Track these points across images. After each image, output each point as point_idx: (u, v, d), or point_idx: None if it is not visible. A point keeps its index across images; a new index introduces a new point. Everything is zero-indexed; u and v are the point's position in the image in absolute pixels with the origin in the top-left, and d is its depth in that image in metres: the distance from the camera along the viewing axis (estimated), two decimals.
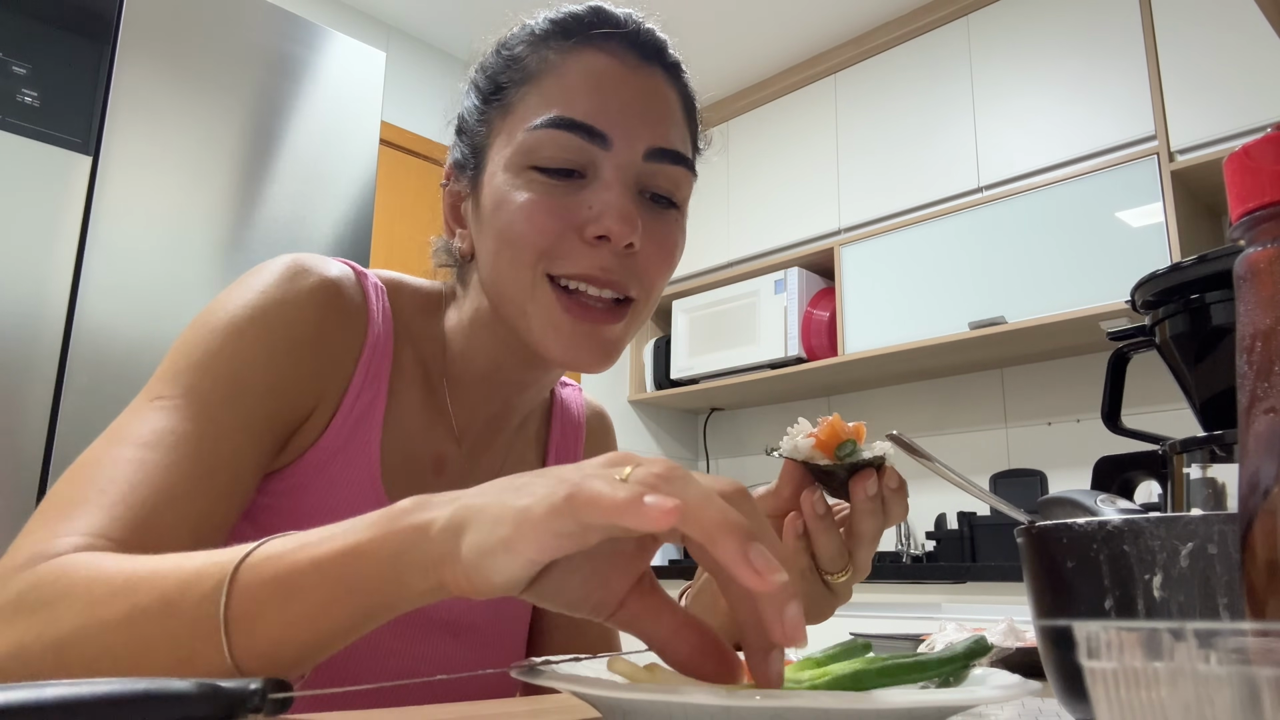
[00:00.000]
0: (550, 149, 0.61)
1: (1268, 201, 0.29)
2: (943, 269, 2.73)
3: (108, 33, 1.71)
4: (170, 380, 0.57)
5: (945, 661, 0.46)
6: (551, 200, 0.61)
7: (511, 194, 0.62)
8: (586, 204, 0.61)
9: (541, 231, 0.61)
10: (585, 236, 0.61)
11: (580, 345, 0.62)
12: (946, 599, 2.30)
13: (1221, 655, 0.19)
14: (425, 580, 0.39)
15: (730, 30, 3.12)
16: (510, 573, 0.37)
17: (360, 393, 0.64)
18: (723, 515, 0.35)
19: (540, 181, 0.61)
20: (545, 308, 0.62)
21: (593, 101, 0.61)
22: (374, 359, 0.65)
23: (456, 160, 0.69)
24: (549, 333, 0.62)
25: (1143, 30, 2.45)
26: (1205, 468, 0.70)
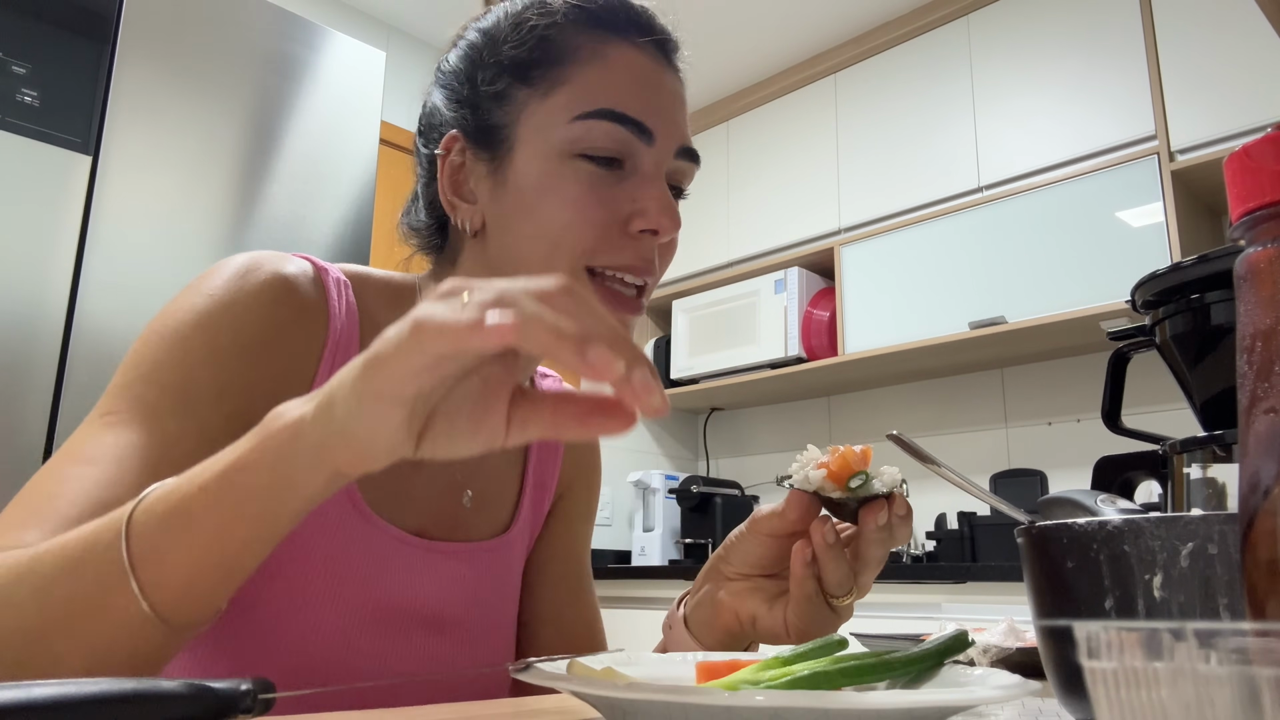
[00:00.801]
0: (598, 138, 0.62)
1: (1268, 201, 0.29)
2: (943, 269, 2.73)
3: (108, 33, 1.71)
4: (119, 394, 0.57)
5: (912, 660, 0.46)
6: (599, 191, 0.62)
7: (558, 181, 0.62)
8: (629, 197, 0.63)
9: (590, 222, 0.62)
10: (630, 230, 0.62)
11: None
12: (947, 599, 2.29)
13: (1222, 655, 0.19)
14: (317, 473, 0.41)
15: (730, 30, 3.12)
16: (388, 426, 0.38)
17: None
18: (555, 324, 0.35)
19: (588, 171, 0.62)
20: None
21: (639, 99, 0.63)
22: (337, 354, 0.64)
23: (463, 129, 0.66)
24: None
25: (1143, 30, 2.45)
26: (1205, 468, 0.70)
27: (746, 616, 0.64)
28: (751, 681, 0.43)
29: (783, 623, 0.62)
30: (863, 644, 0.77)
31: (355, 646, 0.63)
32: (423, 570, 0.68)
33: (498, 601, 0.74)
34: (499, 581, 0.75)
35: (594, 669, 0.44)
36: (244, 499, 0.42)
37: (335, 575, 0.63)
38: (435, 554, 0.69)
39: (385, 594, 0.65)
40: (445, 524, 0.71)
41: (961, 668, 0.49)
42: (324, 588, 0.62)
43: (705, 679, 0.47)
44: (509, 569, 0.76)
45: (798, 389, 3.29)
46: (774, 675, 0.43)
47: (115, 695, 0.30)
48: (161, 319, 0.60)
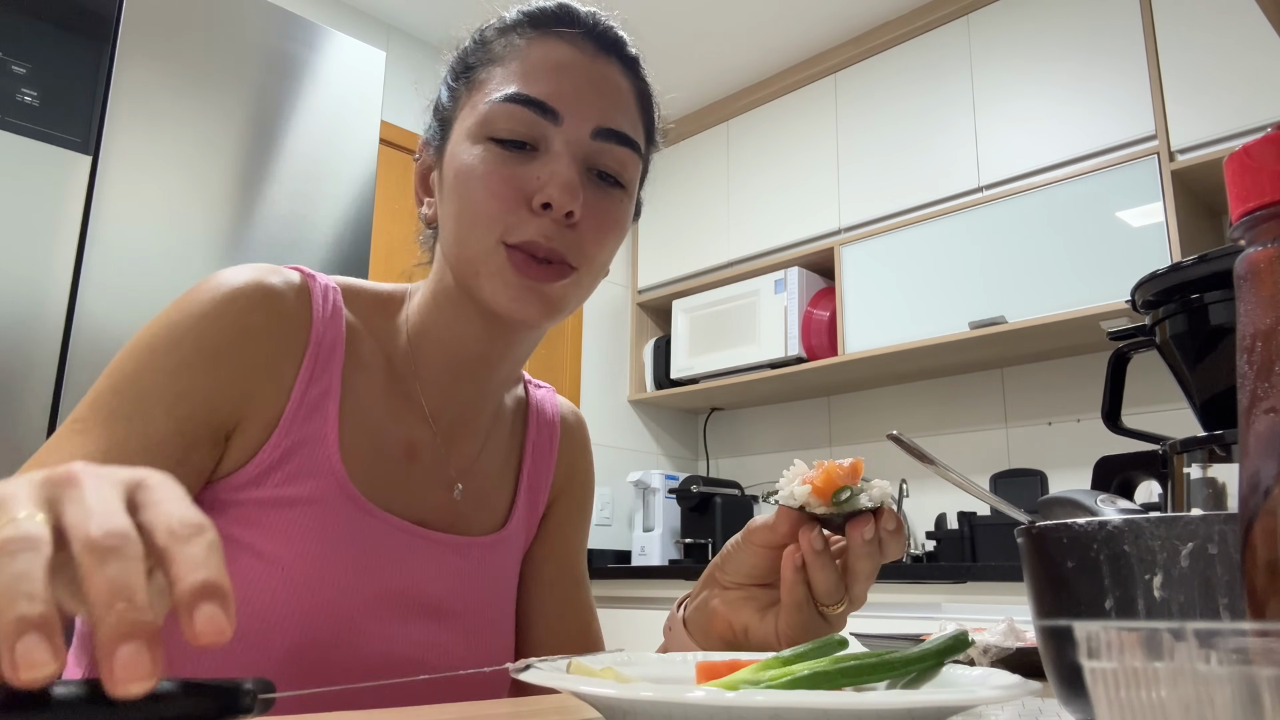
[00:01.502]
0: (506, 121, 0.66)
1: (1268, 201, 0.29)
2: (943, 269, 2.73)
3: (108, 33, 1.71)
4: (89, 403, 0.61)
5: (912, 660, 0.46)
6: (505, 170, 0.66)
7: (471, 163, 0.67)
8: (535, 175, 0.66)
9: (497, 199, 0.65)
10: (533, 205, 0.66)
11: (526, 298, 0.66)
12: (947, 599, 2.29)
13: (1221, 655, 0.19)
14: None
15: (730, 30, 3.12)
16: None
17: (308, 388, 0.67)
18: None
19: (496, 152, 0.66)
20: (496, 267, 0.66)
21: (548, 82, 0.67)
22: (320, 355, 0.68)
23: (428, 136, 0.75)
24: (498, 287, 0.66)
25: (1143, 30, 2.45)
26: (1205, 468, 0.70)
27: (740, 626, 0.64)
28: (751, 681, 0.43)
29: (774, 631, 0.62)
30: (863, 644, 0.78)
31: (360, 629, 0.64)
32: (423, 558, 0.70)
33: (494, 597, 0.76)
34: (495, 577, 0.76)
35: (594, 669, 0.44)
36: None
37: (334, 561, 0.64)
38: (434, 544, 0.71)
39: (386, 579, 0.67)
40: (442, 517, 0.73)
41: (961, 668, 0.49)
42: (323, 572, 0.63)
43: (705, 679, 0.47)
44: (505, 566, 0.78)
45: (798, 389, 3.29)
46: (774, 675, 0.43)
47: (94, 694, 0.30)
48: (140, 333, 0.64)
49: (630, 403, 3.63)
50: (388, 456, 0.71)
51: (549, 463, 0.85)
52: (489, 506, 0.78)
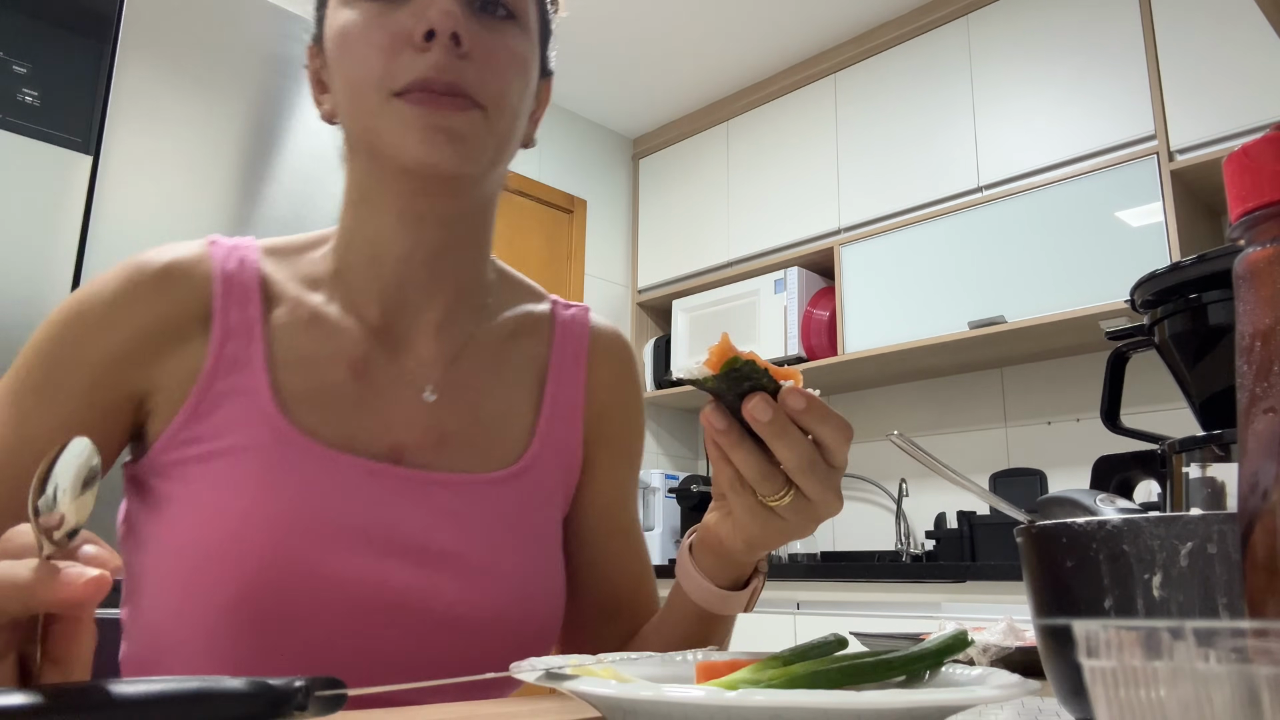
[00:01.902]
0: (356, 22, 0.64)
1: (1267, 201, 0.29)
2: (942, 269, 2.73)
3: (108, 33, 1.71)
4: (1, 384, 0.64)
5: (912, 660, 0.46)
6: (379, 19, 0.63)
7: (344, 26, 0.65)
8: (411, 15, 0.63)
9: (376, 48, 0.63)
10: (415, 41, 0.62)
11: (434, 138, 0.62)
12: (946, 598, 2.30)
13: (1220, 654, 0.19)
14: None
15: (731, 30, 3.12)
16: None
17: (224, 345, 0.65)
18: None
19: (366, 6, 0.64)
20: (394, 114, 0.62)
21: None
22: (229, 310, 0.66)
23: (314, 35, 0.71)
24: (402, 133, 0.62)
25: (1142, 30, 2.45)
26: (1205, 467, 0.70)
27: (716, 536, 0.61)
28: (751, 681, 0.43)
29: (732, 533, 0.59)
30: (863, 644, 0.78)
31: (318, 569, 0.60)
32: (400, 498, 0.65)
33: (516, 539, 0.69)
34: (516, 517, 0.70)
35: (594, 669, 0.44)
36: None
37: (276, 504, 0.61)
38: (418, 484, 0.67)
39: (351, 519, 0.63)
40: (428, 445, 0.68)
41: (961, 667, 0.49)
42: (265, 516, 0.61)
43: (705, 679, 0.47)
44: (530, 503, 0.72)
45: None
46: (774, 675, 0.43)
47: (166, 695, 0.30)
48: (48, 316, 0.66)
49: None
50: (333, 384, 0.67)
51: (576, 393, 0.77)
52: (496, 437, 0.72)
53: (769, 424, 0.51)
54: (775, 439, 0.52)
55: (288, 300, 0.69)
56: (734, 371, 0.51)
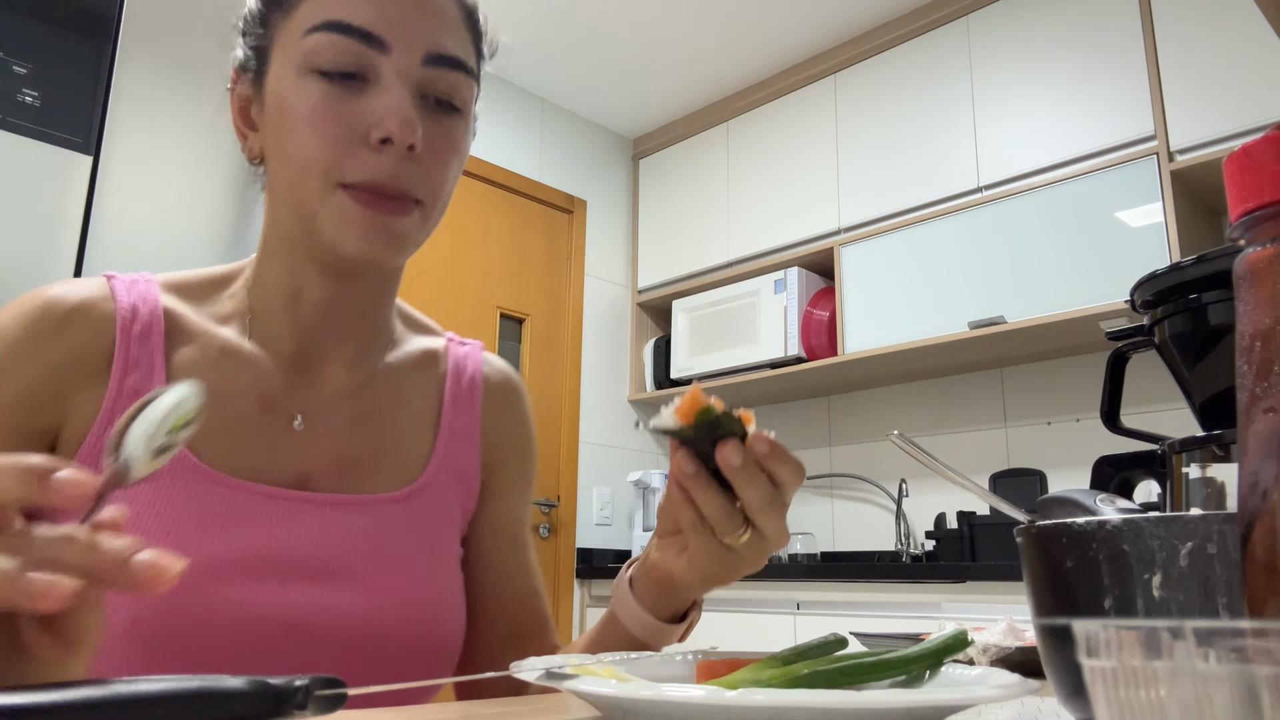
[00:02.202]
0: (329, 53, 0.63)
1: (1267, 201, 0.29)
2: (943, 269, 2.73)
3: (108, 33, 1.71)
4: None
5: (912, 660, 0.46)
6: (336, 106, 0.63)
7: (296, 100, 0.63)
8: (368, 109, 0.63)
9: (330, 140, 0.62)
10: (370, 141, 0.62)
11: (372, 238, 0.63)
12: (946, 598, 2.30)
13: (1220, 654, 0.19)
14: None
15: (730, 30, 3.12)
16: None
17: (125, 376, 0.66)
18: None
19: (322, 87, 0.63)
20: (336, 206, 0.63)
21: (370, 7, 0.63)
22: (130, 342, 0.66)
23: (240, 62, 0.70)
24: (343, 226, 0.63)
25: (1142, 30, 2.45)
26: (1204, 467, 0.70)
27: (666, 569, 0.62)
28: (751, 681, 0.43)
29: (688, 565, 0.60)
30: (863, 644, 0.78)
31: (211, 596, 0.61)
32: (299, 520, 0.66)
33: (408, 553, 0.71)
34: (415, 533, 0.72)
35: (594, 669, 0.44)
36: None
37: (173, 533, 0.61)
38: (315, 504, 0.68)
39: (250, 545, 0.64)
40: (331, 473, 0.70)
41: (961, 667, 0.49)
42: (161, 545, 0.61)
43: (705, 679, 0.47)
44: (428, 521, 0.73)
45: (798, 389, 3.29)
46: (774, 675, 0.43)
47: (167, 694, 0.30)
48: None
49: (630, 403, 3.63)
50: (238, 416, 0.68)
51: (472, 420, 0.80)
52: (396, 460, 0.74)
53: (740, 468, 0.54)
54: (744, 482, 0.55)
55: (194, 335, 0.70)
56: (706, 422, 0.54)
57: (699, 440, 0.55)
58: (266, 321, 0.71)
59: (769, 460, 0.55)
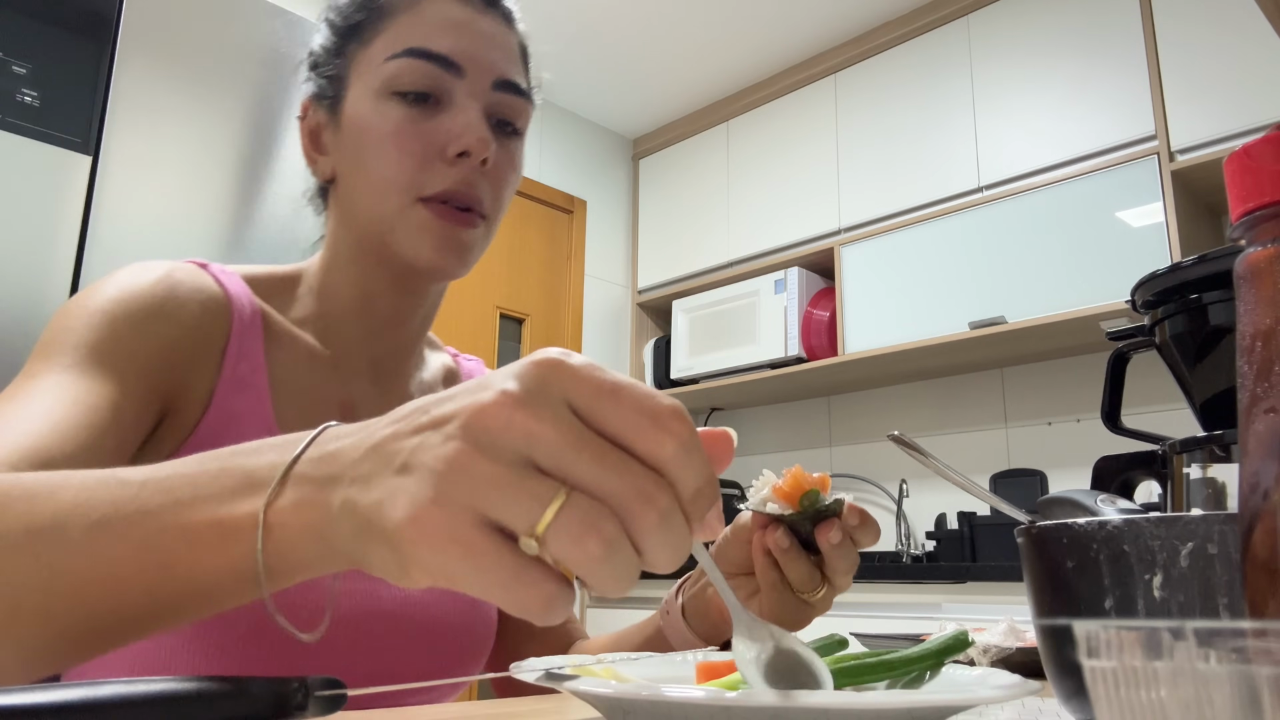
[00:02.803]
0: (409, 76, 0.68)
1: (1268, 201, 0.29)
2: (943, 269, 2.73)
3: (108, 33, 1.71)
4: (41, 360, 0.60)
5: (912, 660, 0.46)
6: (415, 126, 0.68)
7: (377, 121, 0.69)
8: (444, 128, 0.68)
9: (410, 155, 0.67)
10: (447, 156, 0.68)
11: (446, 248, 0.68)
12: (947, 599, 2.30)
13: (1221, 655, 0.19)
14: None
15: (730, 30, 3.12)
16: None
17: (236, 365, 0.68)
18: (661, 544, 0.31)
19: (402, 108, 0.68)
20: (416, 220, 0.68)
21: (447, 37, 0.69)
22: (244, 334, 0.69)
23: (314, 93, 0.75)
24: (420, 239, 0.68)
25: (1143, 30, 2.45)
26: (1205, 468, 0.70)
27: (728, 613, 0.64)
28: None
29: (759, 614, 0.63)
30: (863, 644, 0.78)
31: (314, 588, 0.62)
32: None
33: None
34: None
35: (594, 669, 0.44)
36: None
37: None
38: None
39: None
40: None
41: (961, 667, 0.49)
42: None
43: (705, 679, 0.47)
44: None
45: (798, 389, 3.29)
46: None
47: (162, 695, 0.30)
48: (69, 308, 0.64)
49: None
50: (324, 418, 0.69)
51: None
52: None
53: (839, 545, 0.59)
54: (840, 557, 0.60)
55: (281, 335, 0.72)
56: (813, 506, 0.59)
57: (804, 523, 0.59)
58: (340, 329, 0.74)
59: (857, 531, 0.60)
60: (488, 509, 0.30)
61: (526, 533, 0.30)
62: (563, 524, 0.29)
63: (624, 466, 0.30)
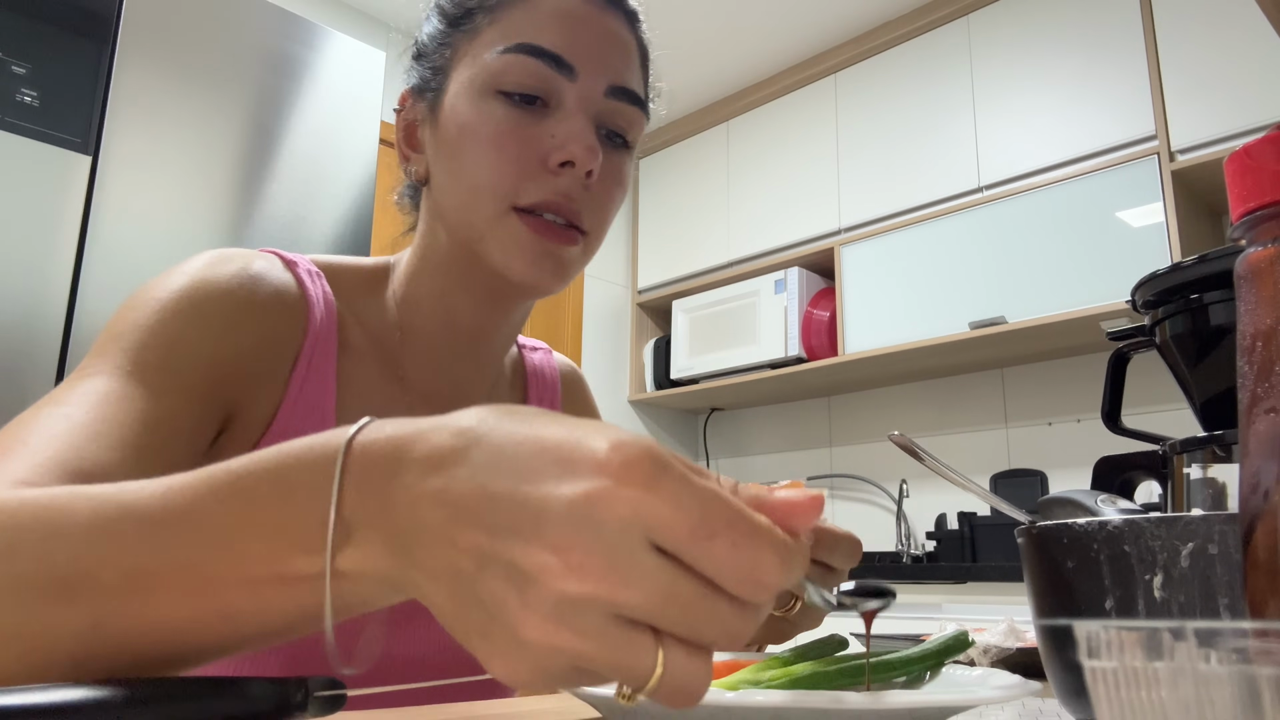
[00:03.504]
0: (517, 74, 0.62)
1: (1268, 201, 0.29)
2: (943, 269, 2.73)
3: (108, 33, 1.71)
4: (97, 357, 0.56)
5: (912, 660, 0.46)
6: (518, 129, 0.62)
7: (477, 121, 0.63)
8: (549, 133, 0.62)
9: (510, 160, 0.62)
10: (549, 164, 0.62)
11: (541, 264, 0.63)
12: (947, 599, 2.30)
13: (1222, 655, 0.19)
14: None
15: (730, 30, 3.12)
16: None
17: (304, 385, 0.63)
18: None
19: (505, 108, 0.62)
20: (510, 230, 0.62)
21: (561, 34, 0.63)
22: (317, 347, 0.64)
23: (415, 85, 0.70)
24: (513, 251, 0.62)
25: (1143, 30, 2.45)
26: (1206, 468, 0.70)
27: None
28: (751, 681, 0.43)
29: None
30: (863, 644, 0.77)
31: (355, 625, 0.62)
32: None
33: None
34: None
35: None
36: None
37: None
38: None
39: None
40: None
41: (962, 668, 0.49)
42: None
43: None
44: None
45: (798, 389, 3.29)
46: (774, 675, 0.43)
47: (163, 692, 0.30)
48: (137, 298, 0.60)
49: (630, 403, 3.63)
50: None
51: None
52: None
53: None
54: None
55: (356, 350, 0.68)
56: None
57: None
58: (419, 345, 0.70)
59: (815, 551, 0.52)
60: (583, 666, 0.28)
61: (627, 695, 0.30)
62: (665, 690, 0.29)
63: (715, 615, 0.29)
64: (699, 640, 0.29)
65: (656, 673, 0.28)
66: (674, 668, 0.28)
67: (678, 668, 0.28)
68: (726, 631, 0.29)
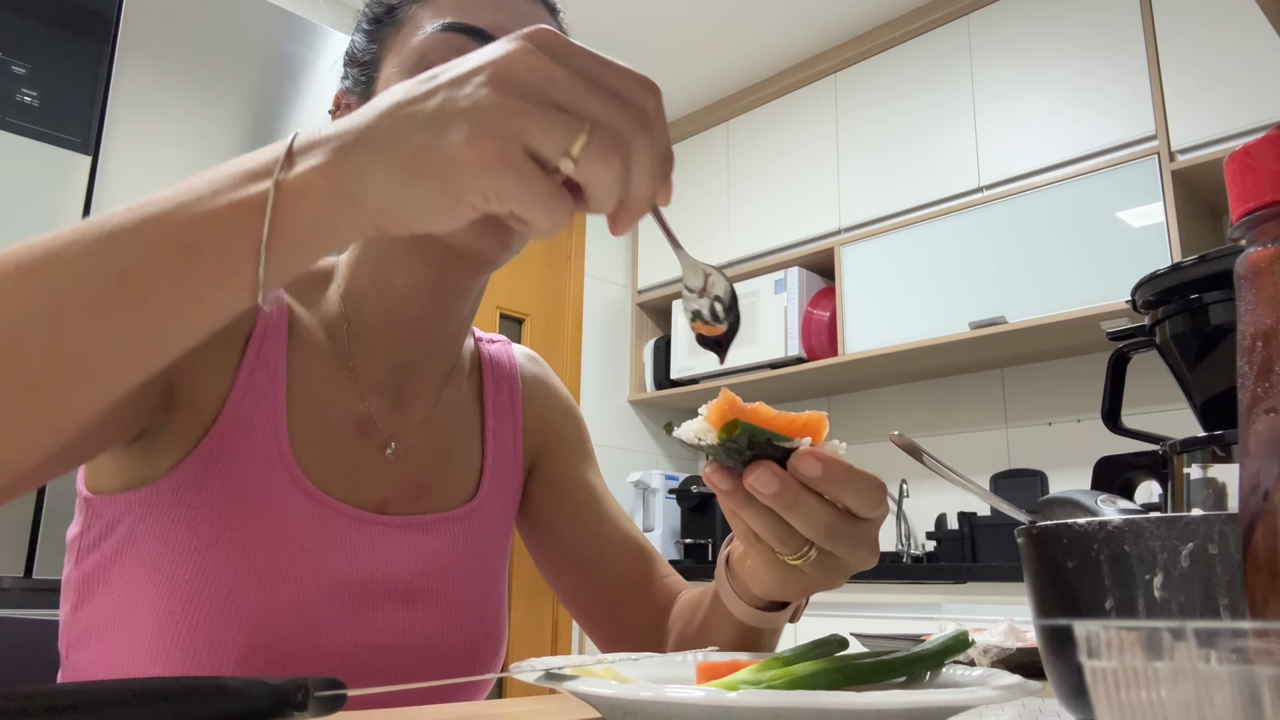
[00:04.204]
0: (443, 52, 0.65)
1: (1268, 201, 0.29)
2: (943, 269, 2.73)
3: (108, 33, 1.71)
4: None
5: (912, 660, 0.46)
6: None
7: None
8: None
9: None
10: None
11: (484, 228, 0.64)
12: (947, 599, 2.29)
13: (1222, 655, 0.19)
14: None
15: (730, 30, 3.12)
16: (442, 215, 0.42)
17: (254, 372, 0.65)
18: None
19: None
20: None
21: (485, 13, 0.68)
22: (266, 337, 0.66)
23: (347, 86, 0.73)
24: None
25: (1143, 30, 2.45)
26: (1206, 468, 0.70)
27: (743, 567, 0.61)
28: (751, 682, 0.43)
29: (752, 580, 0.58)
30: (863, 644, 0.77)
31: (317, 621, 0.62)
32: (386, 544, 0.68)
33: (476, 568, 0.73)
34: (475, 548, 0.74)
35: (594, 669, 0.44)
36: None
37: (286, 554, 0.62)
38: (396, 528, 0.69)
39: (345, 569, 0.64)
40: (407, 495, 0.71)
41: (962, 668, 0.49)
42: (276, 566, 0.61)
43: (705, 679, 0.47)
44: (484, 534, 0.75)
45: (798, 389, 3.29)
46: (774, 675, 0.43)
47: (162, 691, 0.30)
48: None
49: (630, 403, 3.63)
50: (338, 437, 0.68)
51: (514, 420, 0.81)
52: (456, 477, 0.75)
53: (776, 496, 0.48)
54: (786, 511, 0.48)
55: (306, 339, 0.69)
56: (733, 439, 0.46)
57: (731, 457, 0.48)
58: (365, 336, 0.71)
59: (824, 484, 0.48)
60: (528, 139, 0.37)
61: (564, 155, 0.38)
62: (594, 146, 0.38)
63: (627, 103, 0.39)
64: (618, 123, 0.39)
65: (584, 131, 0.38)
66: (601, 133, 0.38)
67: (604, 136, 0.38)
68: (639, 121, 0.39)
